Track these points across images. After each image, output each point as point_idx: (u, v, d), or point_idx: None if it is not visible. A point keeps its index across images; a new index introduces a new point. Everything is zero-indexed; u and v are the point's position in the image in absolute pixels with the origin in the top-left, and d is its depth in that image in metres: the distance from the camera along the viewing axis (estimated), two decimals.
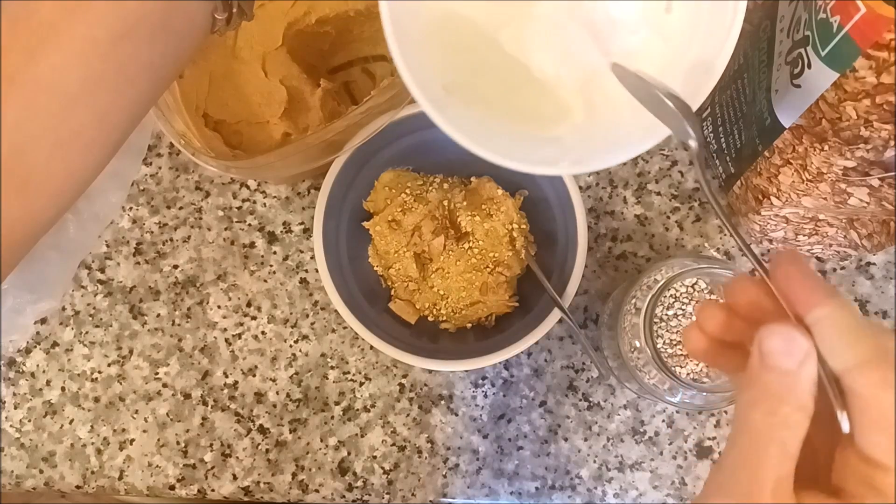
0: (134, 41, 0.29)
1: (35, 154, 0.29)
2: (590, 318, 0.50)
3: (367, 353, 0.50)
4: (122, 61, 0.29)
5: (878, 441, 0.23)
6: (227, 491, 0.49)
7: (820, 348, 0.24)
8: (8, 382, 0.51)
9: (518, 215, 0.47)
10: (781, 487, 0.23)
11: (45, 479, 0.50)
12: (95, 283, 0.52)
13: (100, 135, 0.31)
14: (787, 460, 0.23)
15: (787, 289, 0.25)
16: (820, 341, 0.24)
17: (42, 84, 0.28)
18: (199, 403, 0.50)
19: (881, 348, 0.23)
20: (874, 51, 0.28)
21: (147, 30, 0.29)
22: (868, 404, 0.23)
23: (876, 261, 0.50)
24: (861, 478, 0.23)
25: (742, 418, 0.24)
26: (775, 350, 0.24)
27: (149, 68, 0.31)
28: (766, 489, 0.23)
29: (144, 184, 0.53)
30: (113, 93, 0.30)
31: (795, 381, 0.23)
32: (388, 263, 0.47)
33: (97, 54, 0.29)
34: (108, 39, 0.28)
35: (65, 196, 0.32)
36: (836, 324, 0.24)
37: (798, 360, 0.23)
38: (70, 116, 0.29)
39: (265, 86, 0.46)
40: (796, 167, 0.38)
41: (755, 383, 0.24)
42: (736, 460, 0.24)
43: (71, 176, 0.31)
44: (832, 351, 0.23)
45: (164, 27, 0.30)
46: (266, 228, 0.52)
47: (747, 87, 0.42)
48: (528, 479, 0.49)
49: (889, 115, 0.31)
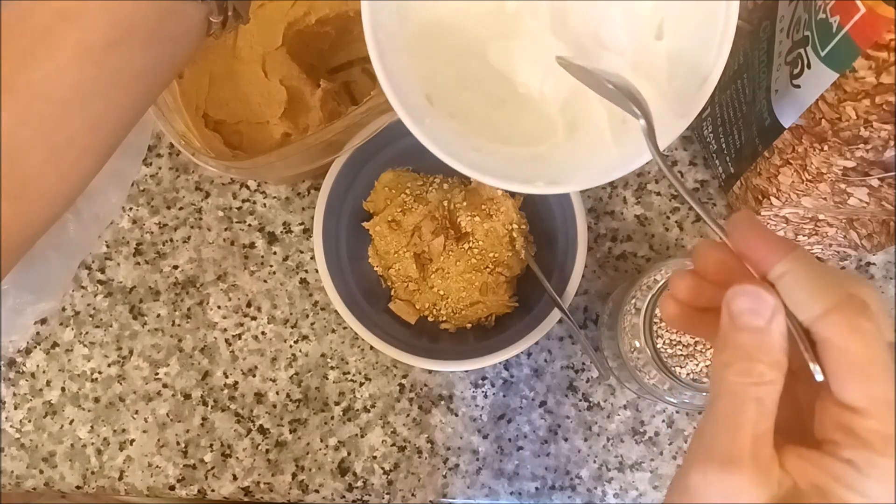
0: (128, 47, 0.29)
1: (29, 161, 0.29)
2: (590, 318, 0.50)
3: (367, 353, 0.50)
4: (117, 67, 0.29)
5: (852, 386, 0.23)
6: (227, 491, 0.49)
7: (786, 303, 0.24)
8: (8, 383, 0.51)
9: (518, 215, 0.47)
10: (761, 445, 0.23)
11: (45, 479, 0.50)
12: (95, 284, 0.52)
13: (93, 141, 0.31)
14: (764, 418, 0.23)
15: (747, 250, 0.25)
16: (786, 296, 0.24)
17: (36, 90, 0.28)
18: (199, 404, 0.50)
19: (845, 294, 0.23)
20: (874, 51, 0.28)
21: (141, 35, 0.29)
22: (838, 351, 0.23)
23: (876, 261, 0.50)
24: (839, 425, 0.23)
25: (717, 380, 0.24)
26: (743, 309, 0.24)
27: (143, 74, 0.31)
28: (745, 448, 0.23)
29: (144, 184, 0.53)
30: (107, 99, 0.30)
31: (766, 338, 0.24)
32: (388, 263, 0.47)
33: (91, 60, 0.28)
34: (103, 45, 0.28)
35: (58, 202, 0.32)
36: (798, 277, 0.24)
37: (766, 316, 0.24)
38: (64, 123, 0.29)
39: (265, 86, 0.46)
40: (796, 167, 0.38)
41: (727, 344, 0.24)
42: (714, 422, 0.24)
43: (65, 182, 0.31)
44: (798, 303, 0.24)
45: (159, 32, 0.30)
46: (266, 229, 0.52)
47: (747, 88, 0.42)
48: (528, 480, 0.49)
49: (889, 116, 0.31)
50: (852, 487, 0.22)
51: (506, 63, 0.34)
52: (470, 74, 0.34)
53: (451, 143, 0.31)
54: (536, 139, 0.34)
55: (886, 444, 0.22)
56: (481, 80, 0.34)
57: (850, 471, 0.22)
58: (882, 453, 0.22)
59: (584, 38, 0.34)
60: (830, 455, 0.23)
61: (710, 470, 0.23)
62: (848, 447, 0.22)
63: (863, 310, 0.23)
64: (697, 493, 0.23)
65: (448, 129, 0.32)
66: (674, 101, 0.31)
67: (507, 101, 0.35)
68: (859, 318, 0.23)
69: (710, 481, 0.23)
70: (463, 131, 0.33)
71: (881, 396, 0.22)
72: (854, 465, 0.22)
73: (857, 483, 0.22)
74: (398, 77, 0.31)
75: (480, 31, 0.34)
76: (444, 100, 0.33)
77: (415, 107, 0.31)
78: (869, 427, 0.22)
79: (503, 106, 0.35)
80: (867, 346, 0.23)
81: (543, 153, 0.34)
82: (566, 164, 0.33)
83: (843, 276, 0.24)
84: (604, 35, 0.34)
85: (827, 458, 0.23)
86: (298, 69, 0.46)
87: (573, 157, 0.33)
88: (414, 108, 0.31)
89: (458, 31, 0.34)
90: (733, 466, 0.23)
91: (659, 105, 0.31)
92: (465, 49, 0.34)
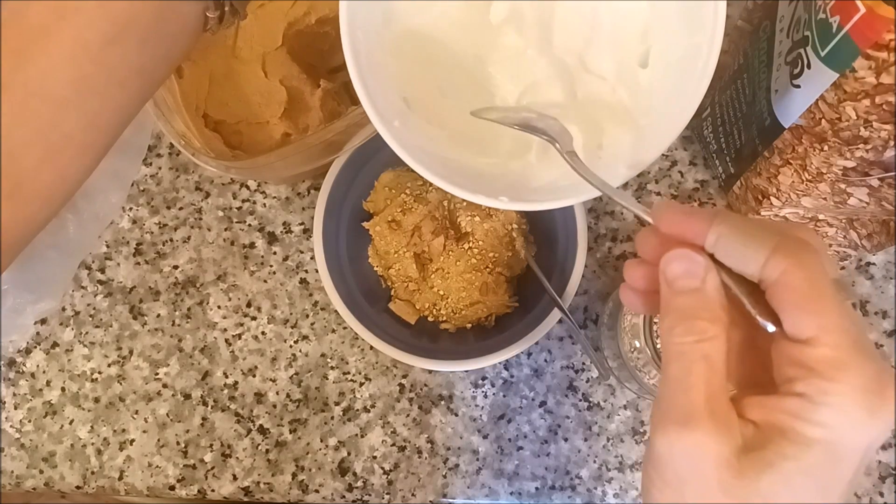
0: (125, 44, 0.29)
1: (26, 159, 0.29)
2: (590, 318, 0.50)
3: (367, 353, 0.50)
4: (113, 64, 0.29)
5: (801, 319, 0.23)
6: (227, 491, 0.49)
7: (730, 263, 0.24)
8: (8, 382, 0.51)
9: (518, 215, 0.47)
10: (716, 400, 0.23)
11: (45, 479, 0.50)
12: (95, 284, 0.52)
13: (90, 138, 0.31)
14: (715, 374, 0.24)
15: (677, 231, 0.25)
16: (727, 256, 0.24)
17: (32, 88, 0.28)
18: (199, 404, 0.50)
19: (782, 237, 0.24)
20: (874, 51, 0.28)
21: (138, 32, 0.29)
22: (785, 287, 0.23)
23: (876, 261, 0.50)
24: (791, 361, 0.23)
25: (665, 346, 0.25)
26: (678, 273, 0.25)
27: (140, 71, 0.31)
28: (700, 405, 0.23)
29: (144, 184, 0.53)
30: (104, 96, 0.30)
31: (703, 297, 0.24)
32: (388, 263, 0.47)
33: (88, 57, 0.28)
34: (99, 42, 0.28)
35: (55, 200, 0.32)
36: (731, 235, 0.24)
37: (700, 276, 0.24)
38: (61, 120, 0.29)
39: (265, 86, 0.46)
40: (796, 167, 0.38)
41: (669, 310, 0.25)
42: (668, 386, 0.24)
43: (62, 180, 0.31)
44: (742, 260, 0.24)
45: (156, 29, 0.30)
46: (266, 229, 0.52)
47: (747, 87, 0.42)
48: (528, 480, 0.49)
49: (888, 116, 0.31)
50: (808, 420, 0.22)
51: (486, 76, 0.34)
52: (451, 83, 0.34)
53: (422, 148, 0.31)
54: (510, 155, 0.34)
55: (836, 369, 0.22)
56: (462, 90, 0.34)
57: (804, 404, 0.23)
58: (832, 379, 0.22)
59: (568, 59, 0.34)
60: (785, 394, 0.23)
61: (671, 432, 0.23)
62: (800, 380, 0.23)
63: (803, 246, 0.23)
64: (665, 458, 0.24)
65: (423, 133, 0.32)
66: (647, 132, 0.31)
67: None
68: (801, 253, 0.23)
69: (673, 442, 0.23)
70: (438, 138, 0.33)
71: (829, 324, 0.23)
72: (807, 398, 0.22)
73: (812, 414, 0.22)
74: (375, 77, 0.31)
75: (464, 42, 0.34)
76: (422, 105, 0.33)
77: (387, 108, 0.31)
78: (819, 356, 0.22)
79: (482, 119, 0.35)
80: (812, 278, 0.23)
81: (515, 170, 0.34)
82: (535, 182, 0.33)
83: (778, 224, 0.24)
84: (588, 57, 0.34)
85: (783, 398, 0.23)
86: (298, 69, 0.46)
87: (543, 177, 0.33)
88: (386, 109, 0.30)
89: (442, 38, 0.34)
90: (691, 424, 0.23)
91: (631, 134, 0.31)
92: (448, 57, 0.34)
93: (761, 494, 0.23)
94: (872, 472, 0.47)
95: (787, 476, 0.22)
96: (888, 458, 0.48)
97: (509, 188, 0.32)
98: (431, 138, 0.33)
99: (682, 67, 0.30)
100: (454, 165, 0.32)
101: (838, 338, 0.22)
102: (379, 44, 0.32)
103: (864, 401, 0.22)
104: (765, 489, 0.22)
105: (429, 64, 0.34)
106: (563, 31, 0.34)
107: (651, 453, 0.24)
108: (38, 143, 0.29)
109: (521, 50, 0.34)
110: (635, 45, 0.33)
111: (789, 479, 0.22)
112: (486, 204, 0.31)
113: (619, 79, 0.33)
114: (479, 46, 0.34)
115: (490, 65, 0.34)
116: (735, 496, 0.23)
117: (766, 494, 0.23)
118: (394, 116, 0.31)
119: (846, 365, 0.22)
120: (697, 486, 0.23)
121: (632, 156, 0.30)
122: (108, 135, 0.32)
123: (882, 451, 0.48)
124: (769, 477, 0.22)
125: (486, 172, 0.33)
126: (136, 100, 0.32)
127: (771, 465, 0.23)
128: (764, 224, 0.25)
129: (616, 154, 0.31)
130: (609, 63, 0.33)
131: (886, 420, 0.22)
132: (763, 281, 0.24)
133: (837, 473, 0.23)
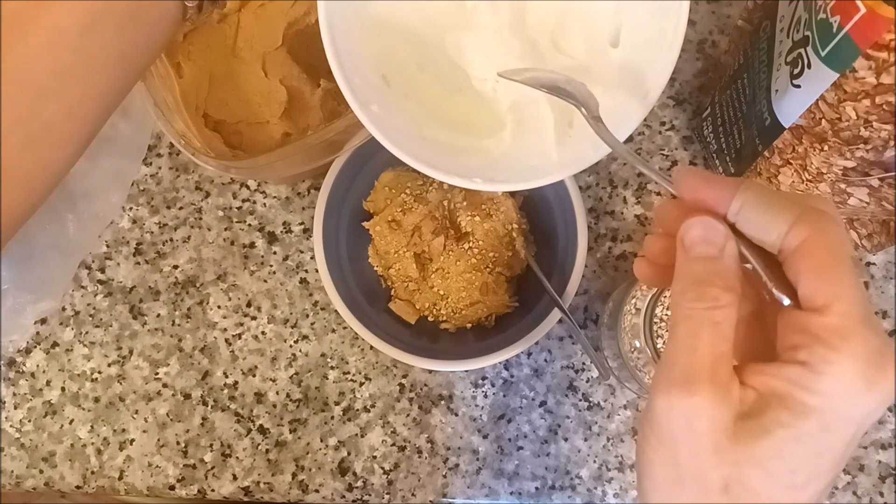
0: (102, 31, 0.29)
1: (7, 149, 0.29)
2: (590, 318, 0.50)
3: (367, 353, 0.50)
4: (92, 52, 0.29)
5: (815, 285, 0.23)
6: (227, 491, 0.49)
7: (752, 232, 0.24)
8: (8, 382, 0.51)
9: (518, 215, 0.47)
10: (719, 367, 0.23)
11: (45, 479, 0.50)
12: (95, 283, 0.52)
13: (72, 127, 0.30)
14: (721, 341, 0.24)
15: (699, 198, 0.25)
16: (749, 225, 0.24)
17: (10, 77, 0.28)
18: (199, 403, 0.50)
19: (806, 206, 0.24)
20: (874, 51, 0.28)
21: (116, 19, 0.29)
22: (804, 255, 0.23)
23: (876, 261, 0.50)
24: (798, 328, 0.23)
25: (675, 309, 0.25)
26: (697, 239, 0.25)
27: (120, 58, 0.30)
28: (704, 370, 0.23)
29: (144, 184, 0.53)
30: (84, 84, 0.30)
31: (719, 265, 0.24)
32: (388, 263, 0.47)
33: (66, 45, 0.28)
34: (77, 30, 0.28)
35: (39, 190, 0.32)
36: (756, 203, 0.24)
37: (719, 245, 0.24)
38: (41, 109, 0.29)
39: (265, 86, 0.46)
40: (796, 167, 0.38)
41: (683, 275, 0.25)
42: (673, 349, 0.24)
43: (44, 170, 0.31)
44: (764, 228, 0.24)
45: (134, 16, 0.30)
46: (266, 228, 0.52)
47: (747, 87, 0.42)
48: (528, 480, 0.49)
49: (889, 116, 0.31)
50: (808, 388, 0.22)
51: (461, 54, 0.35)
52: (429, 59, 0.35)
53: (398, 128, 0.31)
54: (485, 132, 0.34)
55: (841, 338, 0.22)
56: (439, 67, 0.35)
57: (804, 372, 0.23)
58: (835, 349, 0.22)
59: (541, 39, 0.34)
60: (787, 362, 0.23)
61: (672, 394, 0.23)
62: (803, 348, 0.23)
63: (826, 217, 0.23)
64: (662, 418, 0.24)
65: (400, 111, 0.33)
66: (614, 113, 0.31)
67: (462, 90, 0.35)
68: (824, 222, 0.23)
69: (673, 404, 0.23)
70: (416, 114, 0.33)
71: (842, 294, 0.23)
72: (809, 366, 0.22)
73: (812, 383, 0.22)
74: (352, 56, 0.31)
75: (440, 20, 0.34)
76: (400, 80, 0.33)
77: (365, 88, 0.31)
78: (825, 324, 0.22)
79: (458, 94, 0.35)
80: (832, 247, 0.23)
81: (489, 147, 0.34)
82: (506, 161, 0.33)
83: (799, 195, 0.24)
84: (560, 37, 0.34)
85: (784, 366, 0.23)
86: (298, 69, 0.46)
87: (514, 155, 0.34)
88: (363, 90, 0.31)
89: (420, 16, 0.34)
90: (693, 388, 0.23)
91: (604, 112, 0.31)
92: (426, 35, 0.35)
93: (754, 460, 0.23)
94: (872, 472, 0.48)
95: (781, 443, 0.23)
96: (888, 458, 0.48)
97: (483, 169, 0.32)
98: (409, 115, 0.33)
99: (650, 49, 0.31)
100: (429, 145, 0.32)
101: (849, 308, 0.22)
102: (358, 22, 0.32)
103: (865, 372, 0.22)
104: (758, 454, 0.23)
105: (407, 41, 0.34)
106: (535, 11, 0.34)
107: (649, 412, 0.25)
108: (18, 132, 0.29)
109: (494, 30, 0.34)
110: (606, 24, 0.33)
111: (782, 446, 0.23)
112: (460, 185, 0.31)
113: (589, 58, 0.33)
114: (455, 24, 0.35)
115: (464, 44, 0.35)
116: (728, 460, 0.23)
117: (759, 460, 0.23)
118: (371, 98, 0.31)
119: (851, 335, 0.22)
120: (692, 447, 0.23)
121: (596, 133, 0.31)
122: (90, 124, 0.32)
123: (882, 451, 0.48)
124: (763, 443, 0.23)
125: (461, 151, 0.33)
126: (118, 88, 0.32)
127: (766, 432, 0.23)
128: (787, 195, 0.25)
129: (584, 134, 0.31)
130: (580, 43, 0.34)
131: (884, 393, 0.22)
132: (783, 250, 0.24)
133: (830, 443, 0.23)
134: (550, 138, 0.33)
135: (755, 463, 0.23)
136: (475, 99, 0.35)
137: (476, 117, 0.35)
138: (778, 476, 0.23)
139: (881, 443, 0.48)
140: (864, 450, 0.48)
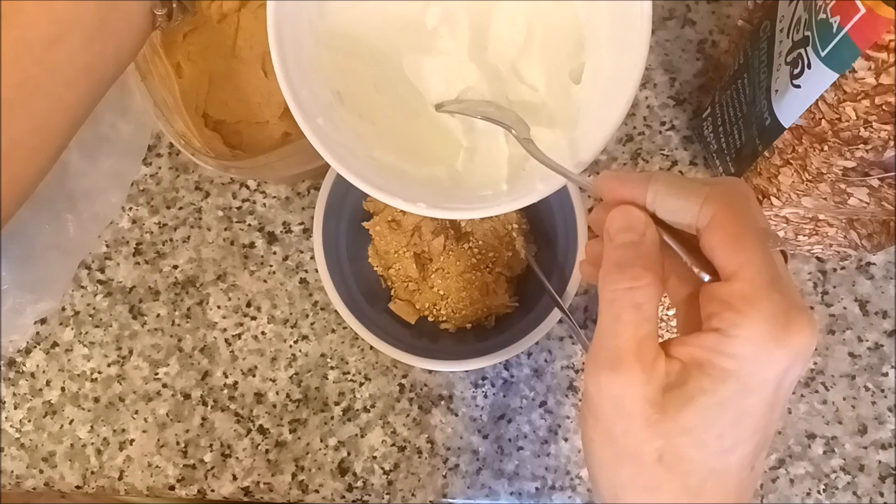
0: (69, 43, 0.29)
1: None
2: (590, 318, 0.50)
3: (367, 353, 0.50)
4: (59, 64, 0.29)
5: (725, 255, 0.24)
6: (227, 491, 0.50)
7: (669, 217, 0.26)
8: (8, 382, 0.51)
9: (518, 215, 0.47)
10: (644, 346, 0.24)
11: (45, 479, 0.50)
12: (95, 283, 0.52)
13: (41, 141, 0.30)
14: (644, 321, 0.24)
15: (618, 197, 0.27)
16: (666, 215, 0.26)
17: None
18: (198, 403, 0.50)
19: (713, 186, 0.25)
20: (873, 52, 0.28)
21: (82, 31, 0.29)
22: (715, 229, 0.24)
23: (876, 261, 0.50)
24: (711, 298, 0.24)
25: (601, 295, 0.26)
26: (620, 227, 0.26)
27: (88, 70, 0.30)
28: (629, 350, 0.24)
29: (144, 184, 0.53)
30: (51, 97, 0.29)
31: (640, 248, 0.25)
32: (388, 263, 0.47)
33: (31, 58, 0.28)
34: (42, 42, 0.28)
35: (9, 204, 0.31)
36: (667, 193, 0.25)
37: (640, 230, 0.26)
38: (8, 124, 0.28)
39: (265, 86, 0.46)
40: (796, 167, 0.38)
41: (606, 260, 0.26)
42: (600, 333, 0.25)
43: (14, 184, 0.30)
44: (678, 213, 0.25)
45: (101, 28, 0.29)
46: (266, 228, 0.52)
47: (747, 87, 0.42)
48: (529, 480, 0.49)
49: (888, 116, 0.31)
50: (722, 352, 0.23)
51: (419, 77, 0.34)
52: (386, 80, 0.34)
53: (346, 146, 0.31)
54: (437, 159, 0.34)
55: (747, 303, 0.23)
56: (396, 88, 0.34)
57: (719, 337, 0.24)
58: (741, 313, 0.23)
59: (501, 66, 0.34)
60: (704, 330, 0.24)
61: (601, 375, 0.25)
62: (716, 315, 0.24)
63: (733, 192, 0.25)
64: (595, 399, 0.25)
65: (351, 129, 0.32)
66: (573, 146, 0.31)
67: (419, 114, 0.35)
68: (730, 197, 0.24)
69: (602, 385, 0.25)
70: (367, 134, 0.33)
71: (748, 261, 0.24)
72: (721, 332, 0.23)
73: (725, 347, 0.23)
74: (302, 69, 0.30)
75: (398, 41, 0.34)
76: (355, 99, 0.33)
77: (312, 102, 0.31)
78: (733, 290, 0.23)
79: (414, 119, 0.34)
80: (737, 219, 0.24)
81: (439, 175, 0.34)
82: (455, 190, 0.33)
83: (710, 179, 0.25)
84: (521, 67, 0.34)
85: (702, 334, 0.24)
86: None
87: (465, 184, 0.34)
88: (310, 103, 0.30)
89: (378, 35, 0.34)
90: (619, 368, 0.24)
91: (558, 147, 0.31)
92: (384, 55, 0.34)
93: (682, 429, 0.24)
94: (872, 473, 0.48)
95: (706, 409, 0.24)
96: (888, 458, 0.48)
97: (430, 195, 0.31)
98: (360, 135, 0.32)
99: (610, 87, 0.31)
100: (377, 166, 0.32)
101: (754, 274, 0.23)
102: (312, 36, 0.31)
103: (771, 331, 0.23)
104: (685, 423, 0.24)
105: (364, 60, 0.34)
106: (497, 39, 0.34)
107: (584, 394, 0.26)
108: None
109: (453, 55, 0.34)
110: (568, 60, 0.33)
111: (707, 413, 0.24)
112: (403, 208, 0.30)
113: (549, 91, 0.34)
114: (412, 48, 0.34)
115: (422, 67, 0.34)
116: (659, 432, 0.24)
117: (687, 429, 0.24)
118: (318, 112, 0.31)
119: (758, 298, 0.23)
120: (625, 423, 0.24)
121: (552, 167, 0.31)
122: (59, 137, 0.31)
123: (882, 451, 0.48)
124: (689, 411, 0.24)
125: (410, 175, 0.33)
126: (87, 100, 0.32)
127: (691, 399, 0.24)
128: (697, 179, 0.26)
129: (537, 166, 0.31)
130: (540, 74, 0.34)
131: (794, 350, 0.23)
132: (699, 230, 0.25)
133: (749, 405, 0.24)
134: (503, 170, 0.33)
135: (684, 432, 0.24)
136: (431, 125, 0.34)
137: (430, 144, 0.34)
138: (707, 442, 0.24)
139: (881, 443, 0.48)
140: (864, 450, 0.48)
